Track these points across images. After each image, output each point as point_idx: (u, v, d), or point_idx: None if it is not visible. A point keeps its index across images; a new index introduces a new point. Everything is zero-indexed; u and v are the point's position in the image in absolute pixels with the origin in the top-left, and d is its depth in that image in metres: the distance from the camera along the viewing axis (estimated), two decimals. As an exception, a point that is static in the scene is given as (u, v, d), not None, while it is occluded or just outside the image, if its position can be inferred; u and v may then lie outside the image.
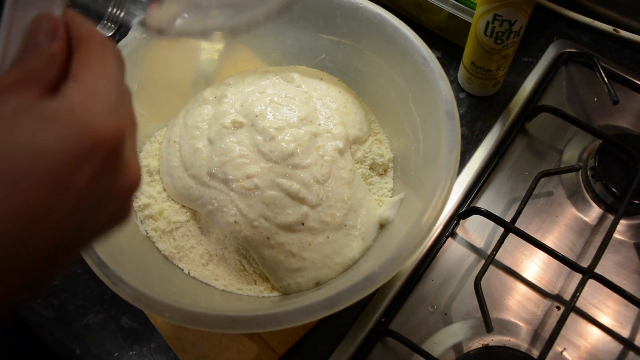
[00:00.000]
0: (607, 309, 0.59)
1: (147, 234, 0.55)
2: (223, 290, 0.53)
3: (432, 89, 0.51)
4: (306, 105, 0.57)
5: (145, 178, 0.58)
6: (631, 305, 0.58)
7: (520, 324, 0.59)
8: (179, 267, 0.54)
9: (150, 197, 0.56)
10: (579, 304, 0.59)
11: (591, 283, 0.58)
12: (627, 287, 0.58)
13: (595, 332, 0.59)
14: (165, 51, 0.60)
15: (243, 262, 0.55)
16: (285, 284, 0.52)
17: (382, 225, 0.56)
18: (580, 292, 0.57)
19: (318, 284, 0.52)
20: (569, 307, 0.56)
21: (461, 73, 0.72)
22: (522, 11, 0.59)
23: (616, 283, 0.58)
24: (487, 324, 0.55)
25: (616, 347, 0.58)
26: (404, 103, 0.56)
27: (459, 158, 0.47)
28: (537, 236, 0.61)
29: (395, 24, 0.54)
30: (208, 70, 0.65)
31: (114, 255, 0.45)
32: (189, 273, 0.54)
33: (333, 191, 0.53)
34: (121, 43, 0.55)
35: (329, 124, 0.56)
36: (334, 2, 0.57)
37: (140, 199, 0.56)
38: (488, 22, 0.61)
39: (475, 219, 0.64)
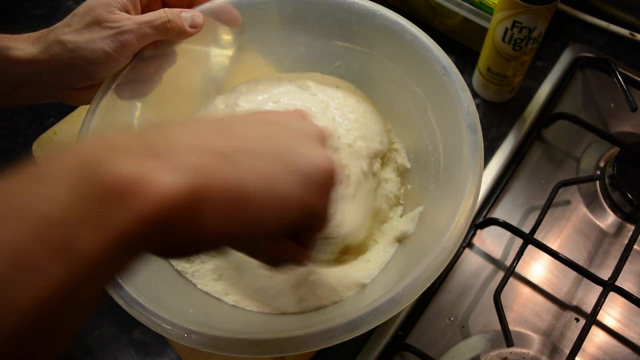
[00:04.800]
0: (627, 321, 0.59)
1: None
2: (233, 306, 0.52)
3: (453, 100, 0.49)
4: (324, 116, 0.55)
5: None
6: (652, 318, 0.57)
7: (539, 336, 0.58)
8: (192, 282, 0.53)
9: None
10: (599, 316, 0.58)
11: (611, 295, 0.57)
12: (647, 299, 0.57)
13: (614, 344, 0.58)
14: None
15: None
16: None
17: (400, 239, 0.55)
18: (601, 306, 0.56)
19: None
20: (590, 320, 0.55)
21: (476, 79, 0.71)
22: (542, 18, 0.58)
23: (636, 295, 0.57)
24: (508, 339, 0.54)
25: (636, 359, 0.57)
26: (423, 113, 0.55)
27: (482, 174, 0.46)
28: (554, 246, 0.60)
29: (414, 32, 0.53)
30: (218, 75, 0.64)
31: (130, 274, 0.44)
32: (201, 288, 0.53)
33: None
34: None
35: (349, 137, 0.55)
36: (350, 9, 0.56)
37: None
38: (507, 29, 0.60)
39: (492, 228, 0.63)
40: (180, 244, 0.26)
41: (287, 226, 0.31)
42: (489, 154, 0.67)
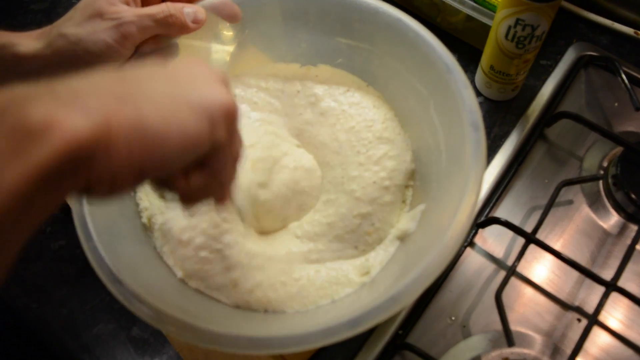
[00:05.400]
0: (629, 322, 0.58)
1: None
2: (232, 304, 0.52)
3: (455, 98, 0.49)
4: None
5: None
6: (655, 319, 0.57)
7: (540, 336, 0.58)
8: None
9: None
10: (601, 316, 0.58)
11: (613, 295, 0.57)
12: (649, 299, 0.56)
13: (616, 345, 0.57)
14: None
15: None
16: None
17: (401, 238, 0.54)
18: (603, 306, 0.56)
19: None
20: (592, 320, 0.55)
21: (479, 77, 0.70)
22: (545, 15, 0.57)
23: (638, 295, 0.57)
24: (509, 339, 0.54)
25: (639, 360, 0.57)
26: (425, 111, 0.54)
27: (484, 172, 0.45)
28: (557, 246, 0.60)
29: (417, 30, 0.52)
30: (219, 72, 0.64)
31: (128, 271, 0.44)
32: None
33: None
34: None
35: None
36: (353, 6, 0.55)
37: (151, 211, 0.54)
38: (510, 27, 0.60)
39: (494, 227, 0.62)
40: (94, 181, 0.28)
41: (195, 159, 0.34)
42: (491, 152, 0.67)
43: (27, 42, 0.48)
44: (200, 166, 0.35)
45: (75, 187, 0.28)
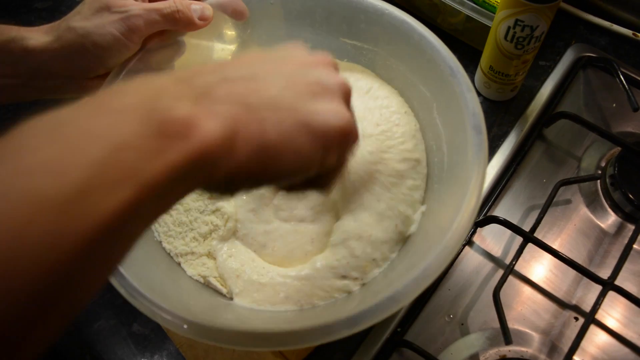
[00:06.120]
0: (626, 320, 0.59)
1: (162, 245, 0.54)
2: (232, 301, 0.52)
3: (458, 101, 0.49)
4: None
5: None
6: (651, 318, 0.57)
7: (538, 334, 0.58)
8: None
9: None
10: (598, 315, 0.58)
11: (610, 294, 0.57)
12: (646, 298, 0.57)
13: (613, 344, 0.58)
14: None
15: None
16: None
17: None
18: (600, 304, 0.56)
19: None
20: (589, 319, 0.56)
21: (478, 77, 0.71)
22: (544, 16, 0.58)
23: (635, 294, 0.57)
24: (506, 337, 0.54)
25: (635, 359, 0.57)
26: (428, 113, 0.55)
27: (485, 175, 0.45)
28: (555, 245, 0.60)
29: (422, 32, 0.53)
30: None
31: (132, 266, 0.44)
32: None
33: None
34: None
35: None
36: (359, 7, 0.56)
37: None
38: (509, 27, 0.60)
39: (492, 226, 0.63)
40: (213, 181, 0.30)
41: (302, 177, 0.35)
42: (490, 152, 0.66)
43: (37, 35, 0.49)
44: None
45: (197, 185, 0.30)
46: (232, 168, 0.30)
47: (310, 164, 0.33)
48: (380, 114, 0.56)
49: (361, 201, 0.53)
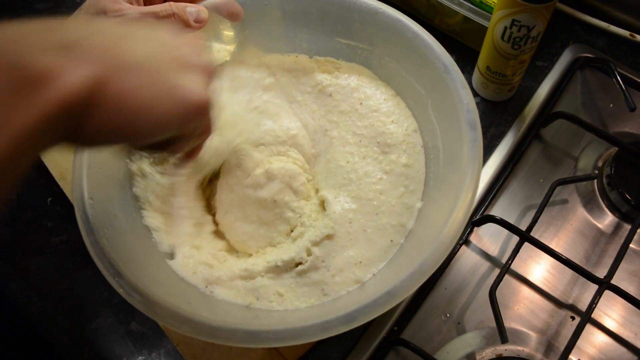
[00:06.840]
0: (622, 320, 0.59)
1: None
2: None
3: (453, 98, 0.50)
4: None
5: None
6: (647, 317, 0.58)
7: (534, 333, 0.58)
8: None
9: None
10: (594, 314, 0.59)
11: (606, 293, 0.57)
12: (642, 298, 0.57)
13: (609, 343, 0.58)
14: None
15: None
16: None
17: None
18: (596, 304, 0.56)
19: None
20: (585, 318, 0.56)
21: (476, 77, 0.71)
22: (540, 17, 0.58)
23: (631, 293, 0.57)
24: (502, 336, 0.55)
25: (631, 358, 0.57)
26: (423, 110, 0.55)
27: (481, 170, 0.46)
28: (551, 244, 0.60)
29: (416, 30, 0.53)
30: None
31: (129, 265, 0.44)
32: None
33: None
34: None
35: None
36: (353, 6, 0.56)
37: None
38: (506, 27, 0.60)
39: (489, 225, 0.63)
40: (77, 133, 0.31)
41: (157, 139, 0.37)
42: (487, 152, 0.67)
43: None
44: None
45: (62, 137, 0.31)
46: (94, 122, 0.31)
47: (166, 129, 0.36)
48: (375, 116, 0.57)
49: (352, 236, 0.54)
